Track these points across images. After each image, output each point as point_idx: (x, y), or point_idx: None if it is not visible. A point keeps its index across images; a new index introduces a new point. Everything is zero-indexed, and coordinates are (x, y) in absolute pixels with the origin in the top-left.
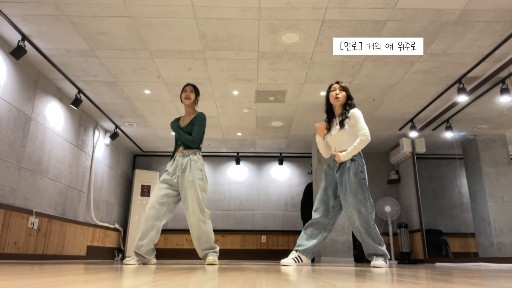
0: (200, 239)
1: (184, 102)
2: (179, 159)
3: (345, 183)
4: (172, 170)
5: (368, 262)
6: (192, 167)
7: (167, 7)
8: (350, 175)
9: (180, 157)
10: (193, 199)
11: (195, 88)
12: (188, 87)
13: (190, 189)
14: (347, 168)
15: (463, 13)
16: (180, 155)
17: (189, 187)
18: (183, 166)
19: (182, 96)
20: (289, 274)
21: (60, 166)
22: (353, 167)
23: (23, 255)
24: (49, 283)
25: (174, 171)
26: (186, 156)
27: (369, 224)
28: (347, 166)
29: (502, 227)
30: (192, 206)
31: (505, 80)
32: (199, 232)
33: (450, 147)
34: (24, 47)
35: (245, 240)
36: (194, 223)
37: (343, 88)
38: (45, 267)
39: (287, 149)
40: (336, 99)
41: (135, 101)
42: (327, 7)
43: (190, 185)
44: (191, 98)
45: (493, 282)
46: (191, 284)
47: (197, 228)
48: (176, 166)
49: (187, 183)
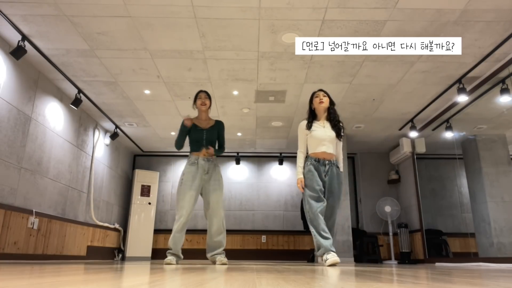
0: (220, 237)
1: (201, 108)
2: (203, 163)
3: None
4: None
5: (368, 262)
6: (217, 172)
7: (167, 7)
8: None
9: (204, 161)
10: (218, 202)
11: (209, 94)
12: (203, 93)
13: (216, 192)
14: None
15: (463, 13)
16: (205, 159)
17: (213, 190)
18: (209, 171)
19: (197, 102)
20: (289, 274)
21: (60, 166)
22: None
23: (23, 255)
24: (49, 283)
25: (196, 175)
26: (211, 161)
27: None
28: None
29: (502, 227)
30: (217, 209)
31: (505, 80)
32: (220, 231)
33: (450, 147)
34: (24, 47)
35: (245, 240)
36: (216, 223)
37: (326, 94)
38: (45, 267)
39: (287, 149)
40: (320, 103)
41: (135, 101)
42: (327, 7)
43: (216, 188)
44: (207, 104)
45: (493, 282)
46: (191, 284)
47: (219, 227)
48: (201, 170)
49: (213, 187)
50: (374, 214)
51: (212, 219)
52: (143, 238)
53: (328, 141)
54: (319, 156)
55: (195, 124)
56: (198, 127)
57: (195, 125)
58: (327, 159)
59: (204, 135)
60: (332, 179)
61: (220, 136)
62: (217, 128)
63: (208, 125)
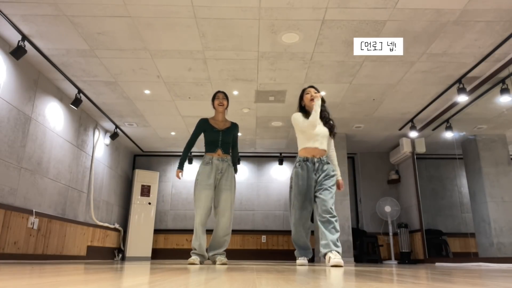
0: (225, 237)
1: (218, 109)
2: (218, 162)
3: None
4: (209, 173)
5: (368, 262)
6: (230, 173)
7: (167, 7)
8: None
9: (218, 161)
10: (226, 201)
11: (227, 95)
12: (221, 94)
13: (226, 192)
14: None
15: (463, 13)
16: (219, 159)
17: (225, 190)
18: (223, 171)
19: (215, 102)
20: (289, 274)
21: (60, 166)
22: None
23: (23, 255)
24: (49, 283)
25: (211, 174)
26: (225, 161)
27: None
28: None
29: (502, 227)
30: (225, 209)
31: (505, 80)
32: (226, 231)
33: (450, 147)
34: (24, 47)
35: (245, 240)
36: (222, 224)
37: (318, 91)
38: (45, 267)
39: (287, 149)
40: (312, 100)
41: (135, 101)
42: (327, 7)
43: (227, 188)
44: (224, 105)
45: (493, 282)
46: (191, 284)
47: (225, 226)
48: (215, 169)
49: (224, 186)
50: (374, 214)
51: (219, 219)
52: (143, 238)
53: (321, 137)
54: (310, 153)
55: (211, 125)
56: (214, 128)
57: (211, 126)
58: (316, 157)
59: (220, 137)
60: (324, 171)
61: (234, 137)
62: (233, 130)
63: (224, 126)
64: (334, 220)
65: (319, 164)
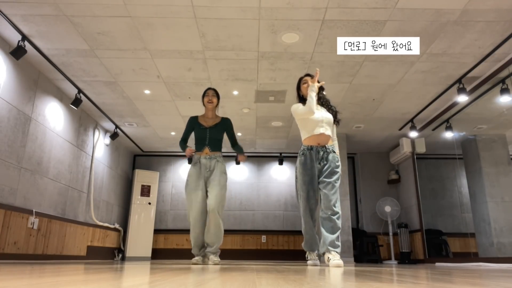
0: (216, 234)
1: (207, 106)
2: (205, 161)
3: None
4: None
5: (368, 262)
6: (219, 169)
7: (167, 7)
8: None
9: (206, 159)
10: (216, 197)
11: (217, 92)
12: (210, 91)
13: (213, 188)
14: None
15: (463, 13)
16: (207, 157)
17: (212, 186)
18: (211, 168)
19: (204, 100)
20: (289, 274)
21: (60, 166)
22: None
23: (23, 255)
24: (49, 283)
25: (200, 175)
26: (212, 158)
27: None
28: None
29: (502, 227)
30: (213, 204)
31: (505, 80)
32: (217, 228)
33: (450, 147)
34: (24, 47)
35: (245, 240)
36: (214, 220)
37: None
38: (45, 267)
39: (287, 149)
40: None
41: (135, 101)
42: (327, 7)
43: (214, 184)
44: (214, 102)
45: (493, 282)
46: (191, 284)
47: (216, 224)
48: (203, 169)
49: (212, 182)
50: (374, 214)
51: (209, 214)
52: (143, 238)
53: (325, 123)
54: (315, 141)
55: (199, 123)
56: (201, 126)
57: (199, 123)
58: (321, 145)
59: (207, 134)
60: (328, 161)
61: (230, 134)
62: (224, 126)
63: (213, 123)
64: (335, 218)
65: (323, 152)
